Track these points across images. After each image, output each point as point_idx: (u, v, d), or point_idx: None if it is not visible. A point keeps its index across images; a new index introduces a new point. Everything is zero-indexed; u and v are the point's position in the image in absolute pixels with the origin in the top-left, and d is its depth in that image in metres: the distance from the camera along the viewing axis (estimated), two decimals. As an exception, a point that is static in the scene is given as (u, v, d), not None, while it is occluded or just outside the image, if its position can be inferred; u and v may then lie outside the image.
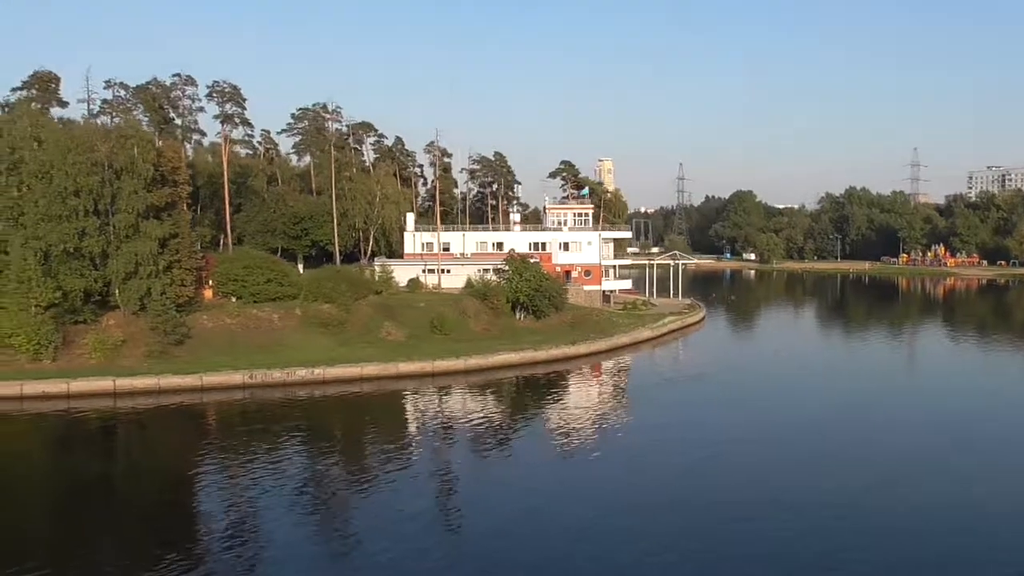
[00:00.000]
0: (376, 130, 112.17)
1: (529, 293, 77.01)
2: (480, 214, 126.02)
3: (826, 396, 57.79)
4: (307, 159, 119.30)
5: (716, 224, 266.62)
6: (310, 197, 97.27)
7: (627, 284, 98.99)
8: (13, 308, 57.49)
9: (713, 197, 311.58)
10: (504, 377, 63.22)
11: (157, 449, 46.83)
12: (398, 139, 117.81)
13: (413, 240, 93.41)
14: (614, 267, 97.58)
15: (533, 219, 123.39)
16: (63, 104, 74.47)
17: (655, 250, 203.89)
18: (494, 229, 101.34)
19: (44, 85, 72.62)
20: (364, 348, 66.15)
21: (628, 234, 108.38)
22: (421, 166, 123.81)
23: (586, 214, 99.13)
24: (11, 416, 51.31)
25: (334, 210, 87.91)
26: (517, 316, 78.46)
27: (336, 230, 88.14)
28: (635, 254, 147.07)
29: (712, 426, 48.34)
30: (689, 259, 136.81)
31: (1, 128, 63.40)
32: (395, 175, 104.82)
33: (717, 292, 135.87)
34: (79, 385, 54.22)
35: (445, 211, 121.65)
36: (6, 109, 71.79)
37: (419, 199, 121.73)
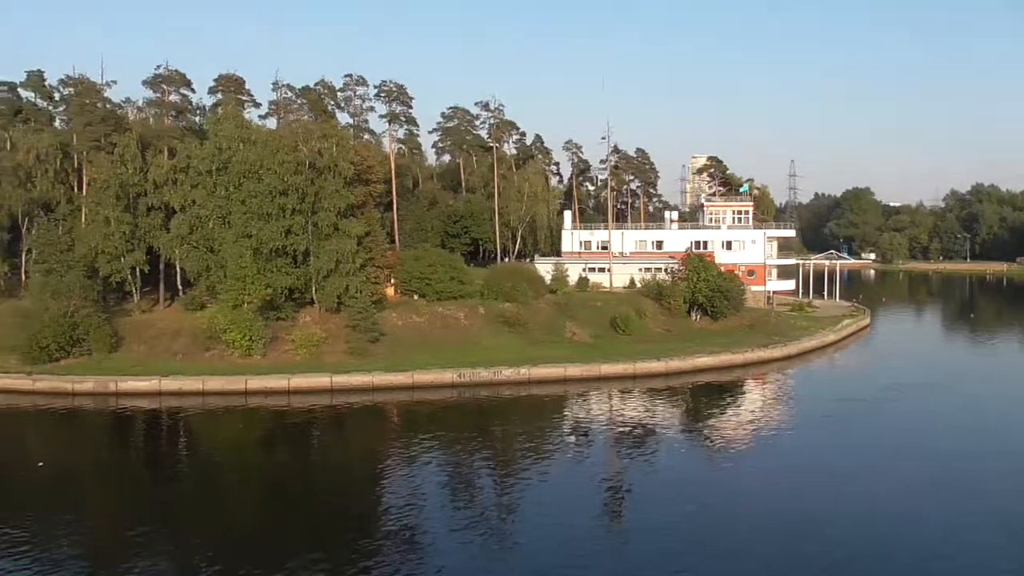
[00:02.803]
0: (518, 128, 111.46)
1: (708, 294, 74.64)
2: (617, 212, 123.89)
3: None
4: (446, 157, 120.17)
5: (830, 223, 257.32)
6: (470, 195, 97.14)
7: (791, 285, 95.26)
8: (228, 305, 58.70)
9: (822, 195, 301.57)
10: (702, 380, 61.04)
11: (374, 444, 46.67)
12: (537, 137, 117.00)
13: (571, 238, 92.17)
14: (776, 267, 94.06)
15: (653, 217, 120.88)
16: (256, 105, 76.13)
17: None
18: (655, 227, 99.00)
19: (237, 87, 74.32)
20: (554, 348, 65.17)
21: (792, 232, 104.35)
22: (557, 163, 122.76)
23: (746, 212, 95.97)
24: (236, 410, 52.23)
25: (495, 208, 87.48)
26: (693, 317, 76.21)
27: (498, 229, 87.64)
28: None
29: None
30: (845, 259, 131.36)
31: (209, 130, 64.96)
32: (544, 173, 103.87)
33: (860, 293, 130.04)
34: (298, 381, 54.86)
35: (582, 209, 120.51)
36: (207, 112, 73.64)
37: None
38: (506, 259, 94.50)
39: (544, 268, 79.59)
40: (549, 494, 35.91)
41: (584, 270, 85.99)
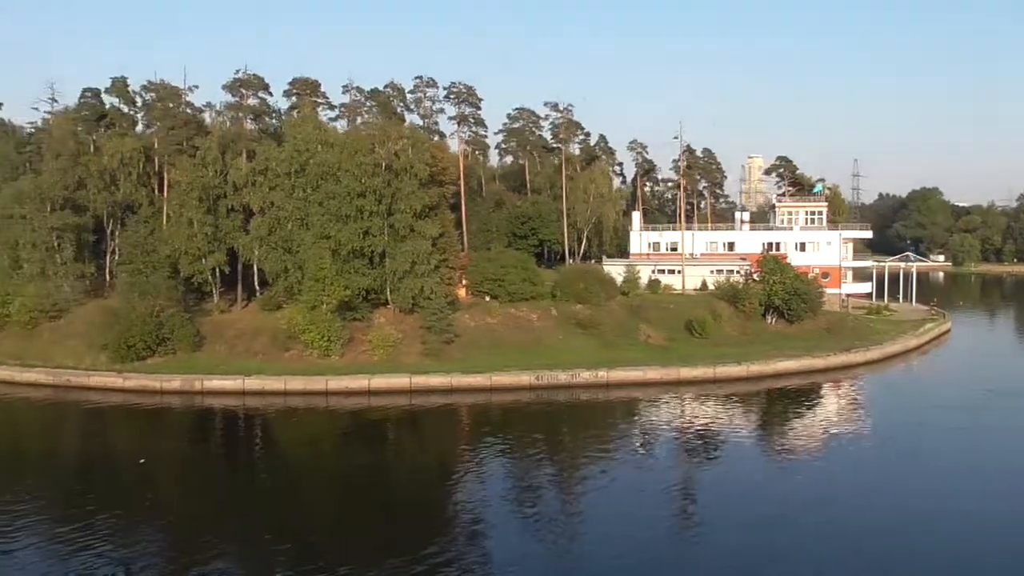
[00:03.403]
0: (583, 128, 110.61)
1: (784, 296, 72.88)
2: (678, 212, 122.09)
3: None
4: (507, 158, 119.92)
5: (896, 224, 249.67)
6: (536, 196, 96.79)
7: (866, 287, 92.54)
8: (308, 305, 59.36)
9: (887, 195, 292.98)
10: (783, 385, 59.62)
11: (451, 445, 46.73)
12: (601, 137, 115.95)
13: (640, 239, 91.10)
14: (852, 269, 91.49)
15: (719, 218, 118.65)
16: (332, 107, 77.02)
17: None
18: (726, 228, 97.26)
19: (313, 90, 75.33)
20: (629, 350, 64.41)
21: (868, 233, 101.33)
22: (620, 164, 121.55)
23: (819, 212, 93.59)
24: (317, 410, 52.76)
25: (564, 209, 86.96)
26: (768, 320, 74.48)
27: (566, 230, 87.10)
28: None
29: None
30: (922, 261, 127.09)
31: (287, 132, 65.89)
32: (609, 173, 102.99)
33: (935, 296, 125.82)
34: (378, 382, 55.20)
35: (645, 210, 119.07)
36: (282, 115, 74.79)
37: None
38: (570, 260, 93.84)
39: (616, 270, 78.75)
40: (624, 500, 35.41)
41: (653, 272, 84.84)
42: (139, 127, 79.62)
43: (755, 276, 77.52)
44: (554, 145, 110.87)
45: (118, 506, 33.90)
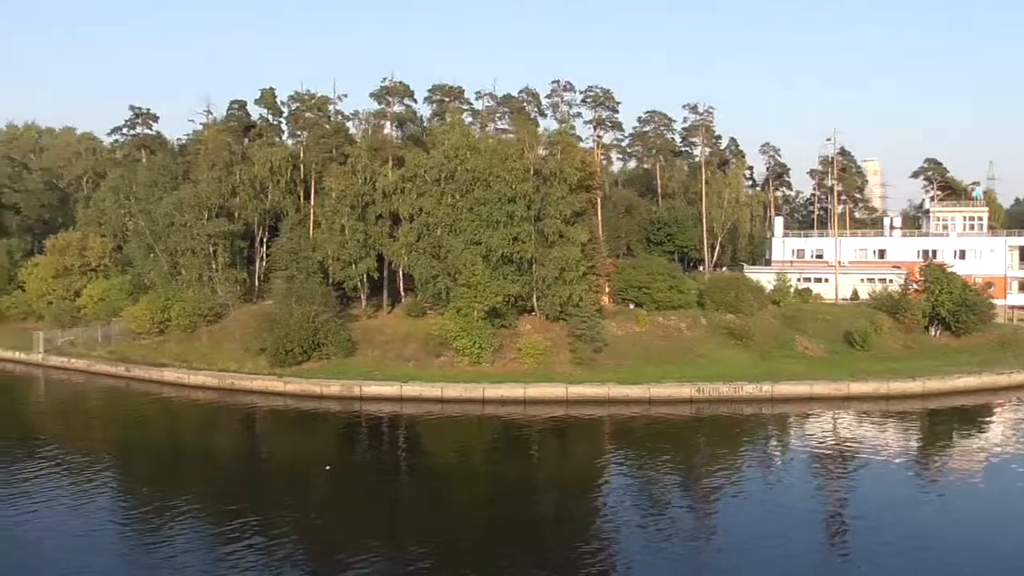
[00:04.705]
0: (712, 130, 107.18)
1: (951, 308, 67.90)
2: (818, 219, 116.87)
3: None
4: (631, 163, 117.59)
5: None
6: (672, 201, 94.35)
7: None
8: (461, 312, 59.07)
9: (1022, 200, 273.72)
10: (961, 403, 55.23)
11: (607, 458, 44.94)
12: (732, 140, 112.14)
13: (783, 246, 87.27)
14: (1018, 279, 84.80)
15: (857, 224, 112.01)
16: (475, 113, 77.04)
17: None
18: (875, 234, 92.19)
19: (456, 95, 75.56)
20: (788, 363, 61.27)
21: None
22: (751, 168, 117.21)
23: (979, 218, 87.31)
24: (475, 418, 52.12)
25: (703, 213, 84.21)
26: (932, 332, 69.61)
27: (705, 236, 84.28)
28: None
29: None
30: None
31: (434, 138, 66.09)
32: (747, 177, 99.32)
33: None
34: (534, 391, 54.23)
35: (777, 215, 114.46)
36: (423, 122, 75.37)
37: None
38: (701, 267, 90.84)
39: (765, 278, 75.48)
40: (787, 521, 32.96)
41: (798, 280, 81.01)
42: (285, 136, 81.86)
43: (915, 285, 72.83)
44: (682, 148, 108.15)
45: (303, 507, 34.12)
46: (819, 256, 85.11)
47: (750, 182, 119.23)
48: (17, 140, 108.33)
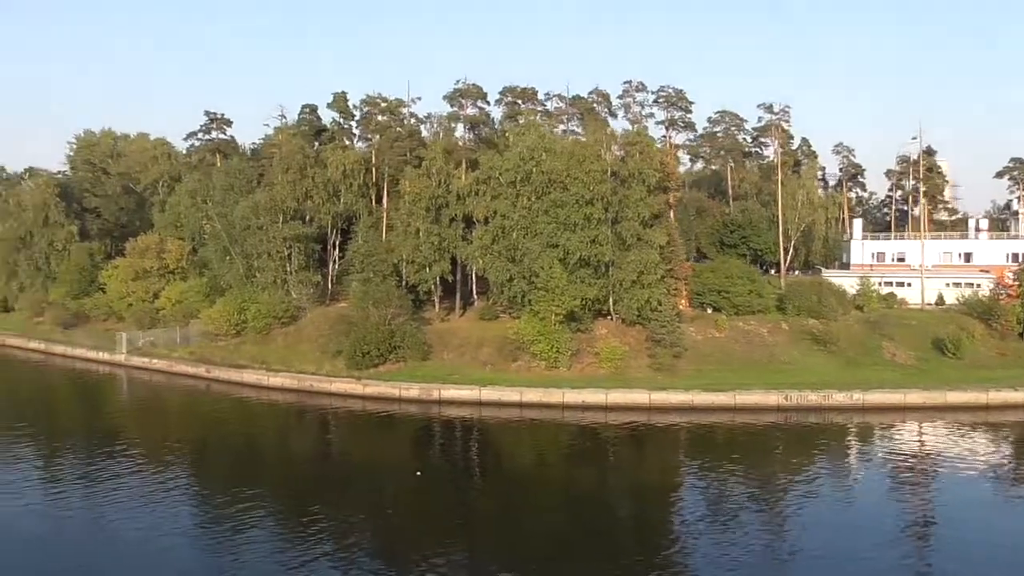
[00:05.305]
0: (788, 130, 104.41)
1: (1052, 314, 64.57)
2: (894, 220, 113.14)
3: None
4: (698, 164, 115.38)
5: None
6: (745, 203, 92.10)
7: None
8: (538, 315, 58.34)
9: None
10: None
11: (690, 467, 43.63)
12: (803, 140, 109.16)
13: (862, 249, 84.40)
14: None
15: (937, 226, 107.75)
16: (548, 115, 76.33)
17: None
18: (960, 237, 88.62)
19: (530, 97, 74.95)
20: (876, 370, 58.96)
21: None
22: (823, 168, 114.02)
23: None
24: (556, 423, 51.17)
25: (780, 215, 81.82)
26: (1027, 339, 66.26)
27: (781, 239, 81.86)
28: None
29: None
30: None
31: (509, 140, 65.53)
32: (820, 179, 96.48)
33: None
34: (615, 396, 53.13)
35: (852, 217, 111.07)
36: (495, 124, 74.93)
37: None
38: (772, 271, 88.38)
39: (847, 282, 73.02)
40: (883, 538, 31.01)
41: (879, 284, 78.14)
42: (356, 139, 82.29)
43: (1008, 290, 69.58)
44: (751, 149, 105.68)
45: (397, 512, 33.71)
46: (900, 259, 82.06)
47: (821, 183, 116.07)
48: (95, 146, 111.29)
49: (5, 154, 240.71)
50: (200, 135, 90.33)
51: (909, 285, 78.24)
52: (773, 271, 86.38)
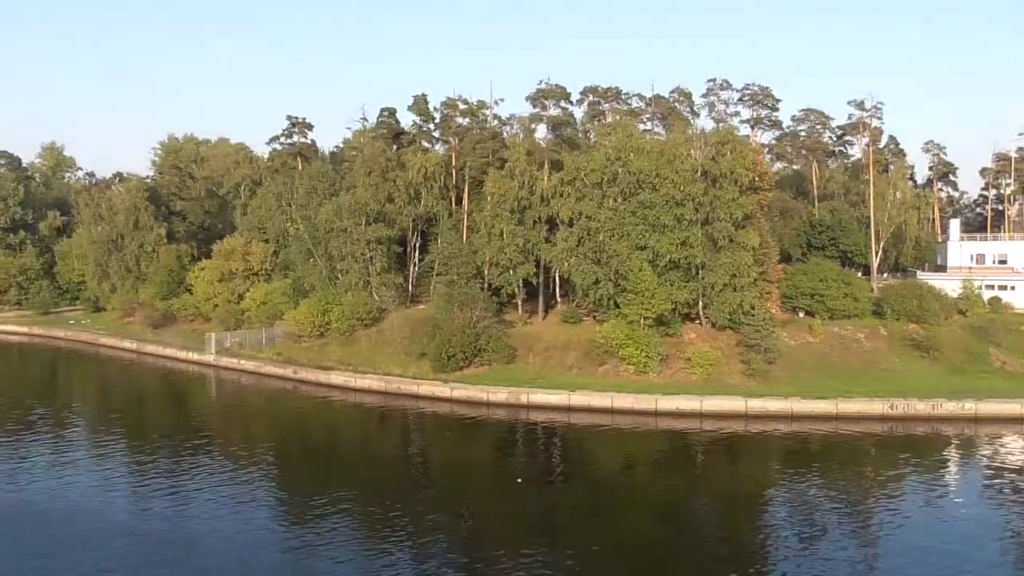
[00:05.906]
0: (877, 127, 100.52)
1: None
2: (987, 220, 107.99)
3: None
4: (778, 163, 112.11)
5: None
6: (833, 203, 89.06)
7: None
8: (627, 319, 57.13)
9: None
10: None
11: (787, 477, 40.97)
12: (891, 138, 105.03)
13: (959, 250, 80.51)
14: None
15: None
16: (634, 114, 75.06)
17: None
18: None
19: (615, 96, 73.86)
20: (985, 378, 55.99)
21: None
22: (912, 167, 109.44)
23: None
24: (649, 430, 49.85)
25: (872, 216, 78.79)
26: None
27: (874, 241, 78.80)
28: None
29: None
30: None
31: (597, 140, 64.49)
32: (909, 177, 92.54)
33: None
34: (711, 404, 51.53)
35: (943, 217, 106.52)
36: (576, 124, 73.99)
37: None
38: (860, 273, 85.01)
39: (949, 285, 69.69)
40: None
41: (980, 287, 74.34)
42: (436, 142, 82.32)
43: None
44: (836, 148, 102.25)
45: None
46: (1002, 261, 77.87)
47: (911, 182, 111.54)
48: (179, 151, 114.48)
49: (93, 159, 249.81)
50: (282, 139, 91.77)
51: (1012, 288, 74.27)
52: (861, 274, 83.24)
